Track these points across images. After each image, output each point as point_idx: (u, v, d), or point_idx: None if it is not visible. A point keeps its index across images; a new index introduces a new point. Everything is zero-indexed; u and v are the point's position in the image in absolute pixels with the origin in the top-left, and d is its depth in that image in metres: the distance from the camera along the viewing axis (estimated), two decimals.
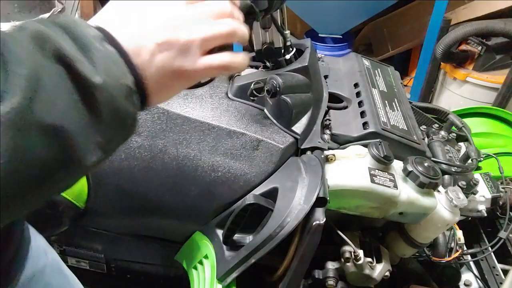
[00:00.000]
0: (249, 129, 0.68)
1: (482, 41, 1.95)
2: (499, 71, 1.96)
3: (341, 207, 0.66)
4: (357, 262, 0.67)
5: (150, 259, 0.84)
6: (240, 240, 0.65)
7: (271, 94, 0.65)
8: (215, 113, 0.70)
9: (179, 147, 0.67)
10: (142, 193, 0.69)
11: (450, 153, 0.80)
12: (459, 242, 0.83)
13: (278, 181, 0.64)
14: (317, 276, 0.70)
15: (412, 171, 0.64)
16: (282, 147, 0.67)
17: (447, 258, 0.82)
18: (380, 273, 0.69)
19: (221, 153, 0.67)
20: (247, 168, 0.66)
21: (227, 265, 0.62)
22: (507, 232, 0.87)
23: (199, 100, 0.72)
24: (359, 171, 0.63)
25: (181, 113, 0.68)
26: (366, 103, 0.74)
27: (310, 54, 0.74)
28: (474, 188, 0.82)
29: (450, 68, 2.08)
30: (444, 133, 0.85)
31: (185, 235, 0.74)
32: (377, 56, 2.56)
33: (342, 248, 0.68)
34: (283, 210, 0.58)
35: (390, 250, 0.75)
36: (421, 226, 0.69)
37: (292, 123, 0.69)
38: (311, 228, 0.56)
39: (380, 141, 0.66)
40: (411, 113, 0.82)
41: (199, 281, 0.67)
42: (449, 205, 0.66)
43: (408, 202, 0.63)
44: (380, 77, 0.87)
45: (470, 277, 0.94)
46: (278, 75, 0.67)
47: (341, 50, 2.35)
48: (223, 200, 0.68)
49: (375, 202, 0.63)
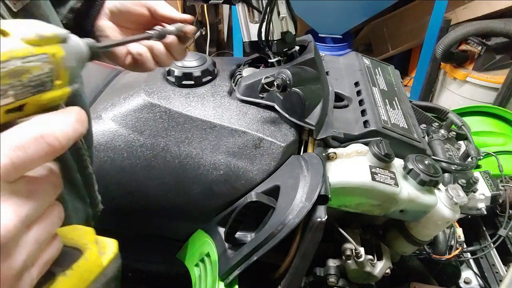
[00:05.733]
0: (250, 128, 0.68)
1: (482, 41, 1.96)
2: (499, 71, 1.97)
3: (342, 204, 0.66)
4: (358, 260, 0.67)
5: (151, 257, 0.85)
6: (242, 238, 0.65)
7: (282, 88, 0.65)
8: (216, 112, 0.70)
9: (181, 146, 0.68)
10: (144, 192, 0.70)
11: (450, 152, 0.80)
12: (459, 240, 0.84)
13: (279, 179, 0.65)
14: (319, 274, 0.70)
15: (413, 169, 0.64)
16: (283, 145, 0.67)
17: (447, 256, 0.82)
18: (381, 271, 0.70)
19: (223, 152, 0.67)
20: (249, 166, 0.67)
21: (229, 263, 0.62)
22: (507, 230, 0.88)
23: (201, 98, 0.72)
24: (360, 169, 0.63)
25: (183, 111, 0.69)
26: (367, 101, 0.75)
27: (315, 46, 0.74)
28: (474, 186, 0.83)
29: (450, 68, 2.09)
30: (444, 131, 0.86)
31: (187, 233, 0.74)
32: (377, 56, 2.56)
33: (343, 246, 0.69)
34: (285, 208, 0.58)
35: (391, 247, 0.75)
36: (421, 223, 0.69)
37: (305, 114, 0.68)
38: (313, 225, 0.56)
39: (381, 139, 0.66)
40: (411, 111, 0.82)
41: (201, 279, 0.68)
42: (449, 202, 0.66)
43: (409, 200, 0.64)
44: (380, 75, 0.87)
45: (470, 275, 0.94)
46: (287, 69, 0.66)
47: (341, 50, 2.36)
48: (225, 198, 0.68)
49: (376, 200, 0.64)
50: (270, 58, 0.74)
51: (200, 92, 0.73)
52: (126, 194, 0.70)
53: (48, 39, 0.26)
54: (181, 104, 0.70)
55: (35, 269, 0.26)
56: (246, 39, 0.73)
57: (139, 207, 0.72)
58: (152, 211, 0.72)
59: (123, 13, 0.60)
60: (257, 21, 0.70)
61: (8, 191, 0.23)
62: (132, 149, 0.68)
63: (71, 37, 0.29)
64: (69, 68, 0.28)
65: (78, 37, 0.30)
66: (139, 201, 0.71)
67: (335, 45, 2.38)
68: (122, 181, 0.69)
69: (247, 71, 0.79)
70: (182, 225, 0.74)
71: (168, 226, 0.76)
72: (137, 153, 0.68)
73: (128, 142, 0.68)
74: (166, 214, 0.73)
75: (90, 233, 0.32)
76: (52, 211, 0.27)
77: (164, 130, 0.68)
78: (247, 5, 0.69)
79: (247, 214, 0.61)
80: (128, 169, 0.68)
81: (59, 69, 0.27)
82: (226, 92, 0.75)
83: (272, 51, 0.71)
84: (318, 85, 0.71)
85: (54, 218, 0.27)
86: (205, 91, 0.74)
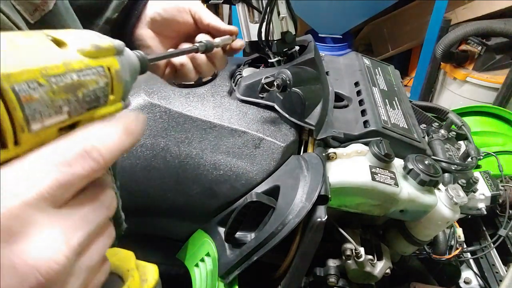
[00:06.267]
0: (250, 128, 0.68)
1: (482, 41, 1.96)
2: (499, 71, 1.97)
3: (342, 204, 0.66)
4: (358, 260, 0.67)
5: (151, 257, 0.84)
6: (242, 238, 0.65)
7: (282, 88, 0.65)
8: (216, 112, 0.70)
9: (181, 146, 0.68)
10: (143, 192, 0.69)
11: (450, 152, 0.80)
12: (459, 240, 0.84)
13: (279, 179, 0.65)
14: (319, 274, 0.70)
15: (413, 169, 0.64)
16: (283, 145, 0.67)
17: (447, 256, 0.82)
18: (381, 271, 0.70)
19: (222, 152, 0.67)
20: (249, 166, 0.67)
21: (229, 263, 0.62)
22: (507, 230, 0.88)
23: (201, 98, 0.72)
24: (360, 169, 0.63)
25: (183, 111, 0.69)
26: (367, 101, 0.75)
27: (315, 46, 0.74)
28: (474, 186, 0.83)
29: (450, 68, 2.09)
30: (444, 131, 0.86)
31: (187, 233, 0.74)
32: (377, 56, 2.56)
33: (343, 246, 0.69)
34: (285, 208, 0.58)
35: (391, 247, 0.75)
36: (421, 223, 0.69)
37: (305, 114, 0.68)
38: (313, 225, 0.56)
39: (381, 139, 0.66)
40: (411, 111, 0.82)
41: (201, 279, 0.68)
42: (449, 202, 0.66)
43: (409, 200, 0.64)
44: (380, 75, 0.87)
45: (470, 275, 0.94)
46: (287, 69, 0.66)
47: (341, 50, 2.36)
48: (225, 198, 0.68)
49: (376, 200, 0.64)
50: (270, 58, 0.74)
51: (200, 92, 0.73)
52: (126, 194, 0.70)
53: (105, 50, 0.25)
54: (181, 104, 0.70)
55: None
56: (246, 39, 0.73)
57: (139, 207, 0.72)
58: (152, 211, 0.72)
59: (167, 21, 0.57)
60: (257, 21, 0.70)
61: (56, 217, 0.21)
62: (131, 149, 0.68)
63: (126, 49, 0.27)
64: (123, 82, 0.26)
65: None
66: (139, 201, 0.71)
67: (335, 45, 2.38)
68: (122, 181, 0.69)
69: (247, 71, 0.79)
70: (182, 225, 0.74)
71: (168, 226, 0.76)
72: (137, 153, 0.68)
73: None
74: (166, 214, 0.73)
75: (131, 258, 0.31)
76: (104, 231, 0.24)
77: (164, 130, 0.68)
78: (247, 5, 0.69)
79: (247, 214, 0.61)
80: (128, 169, 0.68)
81: (114, 83, 0.25)
82: (226, 92, 0.75)
83: (272, 51, 0.71)
84: (318, 85, 0.70)
85: (106, 239, 0.25)
86: (205, 91, 0.74)
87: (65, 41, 0.23)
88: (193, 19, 0.57)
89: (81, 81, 0.22)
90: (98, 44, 0.24)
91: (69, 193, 0.21)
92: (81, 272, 0.22)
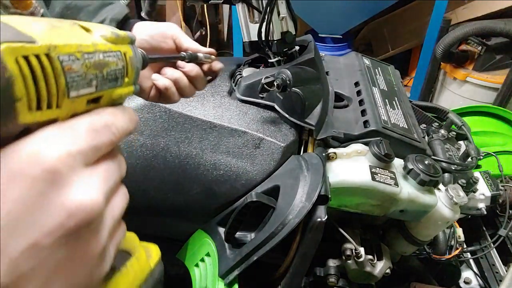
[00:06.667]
0: (250, 128, 0.68)
1: (482, 41, 1.96)
2: (499, 71, 1.97)
3: (342, 204, 0.66)
4: (358, 260, 0.67)
5: None
6: (242, 238, 0.65)
7: (282, 88, 0.65)
8: (216, 112, 0.70)
9: (181, 146, 0.68)
10: (143, 192, 0.70)
11: (450, 152, 0.80)
12: (459, 240, 0.84)
13: (279, 179, 0.65)
14: (319, 274, 0.70)
15: (413, 169, 0.64)
16: (283, 145, 0.67)
17: (447, 256, 0.82)
18: (381, 271, 0.70)
19: (222, 152, 0.67)
20: (249, 166, 0.67)
21: (229, 263, 0.62)
22: (507, 230, 0.88)
23: (201, 98, 0.72)
24: (360, 169, 0.63)
25: (183, 111, 0.69)
26: (367, 101, 0.75)
27: (315, 46, 0.74)
28: (474, 186, 0.83)
29: (450, 68, 2.09)
30: (444, 131, 0.86)
31: (187, 233, 0.74)
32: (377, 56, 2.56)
33: (343, 246, 0.69)
34: (285, 208, 0.58)
35: (391, 247, 0.75)
36: (421, 223, 0.69)
37: (305, 114, 0.68)
38: (313, 225, 0.56)
39: (381, 139, 0.66)
40: (411, 111, 0.82)
41: (201, 279, 0.68)
42: (450, 202, 0.66)
43: (409, 200, 0.64)
44: (380, 75, 0.87)
45: (470, 275, 0.94)
46: (287, 69, 0.67)
47: (341, 50, 2.36)
48: (225, 198, 0.68)
49: (376, 200, 0.64)
50: (270, 58, 0.74)
51: (200, 92, 0.73)
52: None
53: (121, 39, 0.29)
54: (181, 104, 0.70)
55: (112, 249, 0.27)
56: (246, 39, 0.73)
57: (139, 207, 0.72)
58: (152, 211, 0.72)
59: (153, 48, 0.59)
60: (257, 21, 0.70)
61: (89, 171, 0.24)
62: (132, 149, 0.68)
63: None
64: (135, 67, 0.31)
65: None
66: (139, 201, 0.70)
67: (335, 45, 2.38)
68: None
69: (247, 71, 0.79)
70: (182, 225, 0.74)
71: (168, 226, 0.76)
72: (137, 153, 0.68)
73: (128, 142, 0.68)
74: (166, 214, 0.73)
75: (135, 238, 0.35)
76: (120, 190, 0.28)
77: (164, 130, 0.68)
78: (247, 5, 0.69)
79: (247, 214, 0.61)
80: (128, 169, 0.67)
81: (128, 67, 0.29)
82: (226, 92, 0.75)
83: (272, 51, 0.71)
84: (318, 85, 0.71)
85: (122, 196, 0.28)
86: (205, 91, 0.74)
87: (90, 28, 0.27)
88: (174, 43, 0.60)
89: (105, 61, 0.26)
90: (117, 32, 0.29)
91: (96, 155, 0.25)
92: (108, 220, 0.25)
